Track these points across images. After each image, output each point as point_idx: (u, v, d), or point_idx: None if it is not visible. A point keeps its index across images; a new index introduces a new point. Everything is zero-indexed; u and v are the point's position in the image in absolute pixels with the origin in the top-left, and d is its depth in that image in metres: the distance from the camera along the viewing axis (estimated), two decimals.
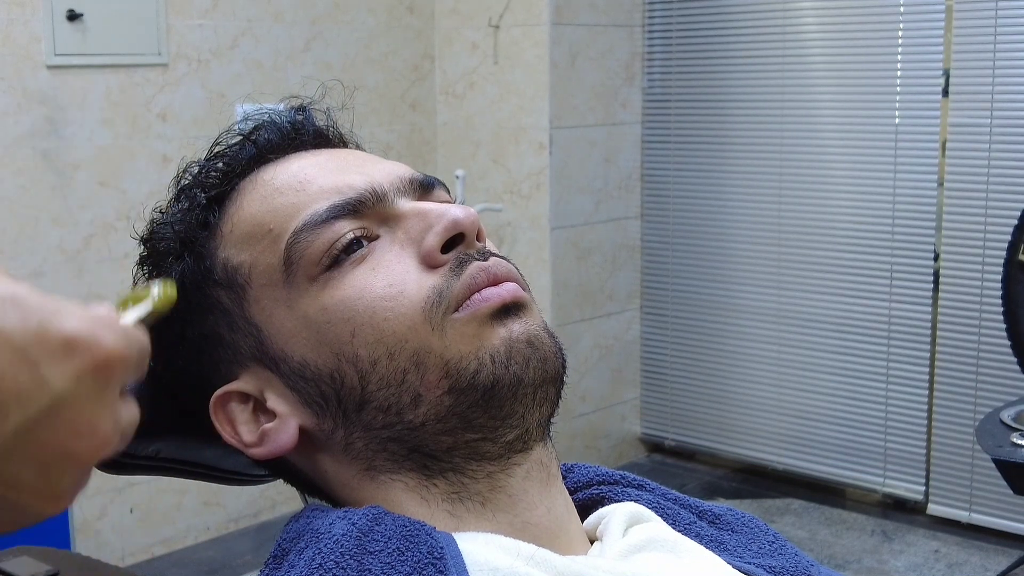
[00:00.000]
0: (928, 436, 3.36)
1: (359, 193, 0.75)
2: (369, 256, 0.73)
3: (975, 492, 3.26)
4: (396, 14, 3.63)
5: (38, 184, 2.88)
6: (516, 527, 0.72)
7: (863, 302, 3.43)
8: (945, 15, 3.19)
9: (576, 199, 3.66)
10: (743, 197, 3.65)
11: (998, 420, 2.36)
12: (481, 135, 3.69)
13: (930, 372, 3.34)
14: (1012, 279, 2.62)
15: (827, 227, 3.48)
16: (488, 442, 0.72)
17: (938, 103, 3.24)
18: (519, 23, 3.55)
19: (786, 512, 3.47)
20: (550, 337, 0.73)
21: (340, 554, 0.64)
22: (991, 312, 3.07)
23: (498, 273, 0.73)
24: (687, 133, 3.76)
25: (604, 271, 3.80)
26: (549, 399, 0.73)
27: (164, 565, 3.14)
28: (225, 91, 3.21)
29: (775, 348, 3.64)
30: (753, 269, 3.65)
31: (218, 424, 0.75)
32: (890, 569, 3.09)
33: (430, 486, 0.73)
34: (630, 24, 3.76)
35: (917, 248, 3.31)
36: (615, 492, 0.81)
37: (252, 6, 3.25)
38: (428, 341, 0.70)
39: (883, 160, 3.34)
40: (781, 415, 3.66)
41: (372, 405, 0.72)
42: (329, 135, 0.84)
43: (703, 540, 0.78)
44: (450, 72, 3.74)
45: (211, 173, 0.80)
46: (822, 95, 3.47)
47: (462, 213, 0.73)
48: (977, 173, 3.16)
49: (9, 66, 2.80)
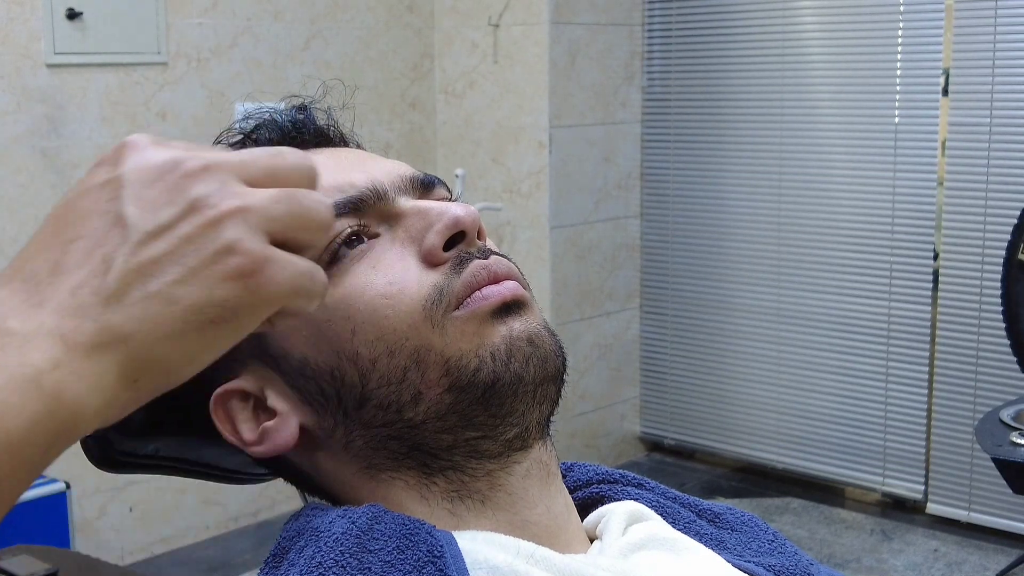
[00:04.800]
0: (927, 435, 3.37)
1: (360, 191, 0.75)
2: (369, 254, 0.73)
3: (974, 491, 3.26)
4: (396, 13, 3.63)
5: (38, 183, 2.88)
6: (516, 525, 0.72)
7: (863, 301, 3.43)
8: (945, 15, 3.19)
9: (575, 198, 3.66)
10: (743, 196, 3.65)
11: (997, 419, 2.36)
12: (481, 134, 3.69)
13: (929, 371, 3.34)
14: (1011, 278, 2.62)
15: (827, 226, 3.48)
16: (488, 440, 0.72)
17: (938, 102, 3.24)
18: (519, 22, 3.55)
19: (786, 511, 3.47)
20: (550, 335, 0.73)
21: (340, 552, 0.64)
22: (990, 311, 3.07)
23: (499, 271, 0.73)
24: (686, 132, 3.76)
25: (603, 270, 3.80)
26: (549, 397, 0.73)
27: (164, 564, 3.14)
28: (225, 90, 3.21)
29: (774, 347, 3.64)
30: (752, 268, 3.65)
31: (218, 422, 0.75)
32: (889, 568, 3.09)
33: (430, 484, 0.73)
34: (630, 23, 3.77)
35: (917, 247, 3.31)
36: (615, 491, 0.82)
37: (252, 5, 3.25)
38: (429, 339, 0.70)
39: (883, 159, 3.34)
40: (781, 414, 3.66)
41: (372, 403, 0.72)
42: (330, 134, 0.84)
43: (703, 539, 0.79)
44: (450, 71, 3.74)
45: None
46: (822, 94, 3.47)
47: (463, 211, 0.73)
48: (977, 172, 3.16)
49: (8, 65, 2.80)
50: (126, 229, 0.46)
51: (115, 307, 0.45)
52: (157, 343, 0.45)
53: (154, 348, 0.45)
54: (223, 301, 0.46)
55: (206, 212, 0.46)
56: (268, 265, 0.46)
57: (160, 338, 0.45)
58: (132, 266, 0.45)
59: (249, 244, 0.46)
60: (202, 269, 0.45)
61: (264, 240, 0.47)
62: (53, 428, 0.43)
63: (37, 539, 2.48)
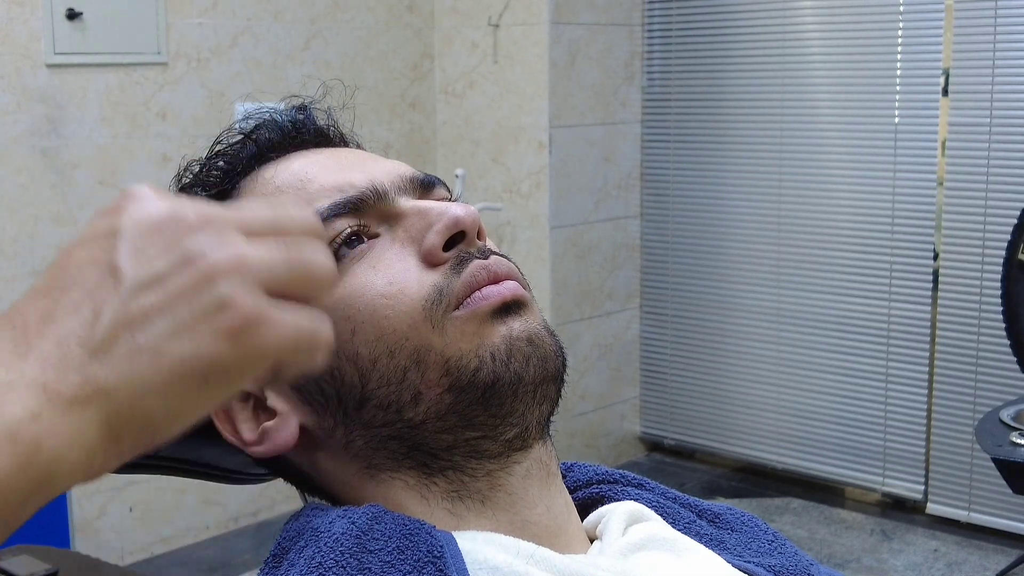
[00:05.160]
0: (927, 435, 3.37)
1: (360, 191, 0.75)
2: (369, 254, 0.73)
3: (974, 491, 3.26)
4: (396, 13, 3.63)
5: (38, 183, 2.88)
6: (516, 525, 0.72)
7: (863, 301, 3.43)
8: (945, 15, 3.19)
9: (575, 198, 3.66)
10: (743, 196, 3.65)
11: (997, 419, 2.36)
12: (481, 134, 3.69)
13: (929, 371, 3.34)
14: (1011, 278, 2.62)
15: (827, 226, 3.48)
16: (488, 440, 0.72)
17: (938, 102, 3.24)
18: (519, 22, 3.55)
19: (785, 511, 3.47)
20: (550, 335, 0.73)
21: (340, 553, 0.64)
22: (990, 311, 3.07)
23: (499, 271, 0.73)
24: (686, 132, 3.76)
25: (603, 270, 3.80)
26: (549, 397, 0.73)
27: (164, 564, 3.14)
28: (225, 90, 3.21)
29: (774, 347, 3.64)
30: (752, 268, 3.65)
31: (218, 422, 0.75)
32: (889, 568, 3.09)
33: (430, 484, 0.73)
34: (629, 23, 3.77)
35: (916, 247, 3.31)
36: (615, 491, 0.82)
37: (252, 5, 3.25)
38: (428, 339, 0.70)
39: (883, 159, 3.34)
40: (781, 414, 3.66)
41: (372, 403, 0.72)
42: (330, 134, 0.84)
43: (703, 539, 0.79)
44: (450, 71, 3.74)
45: (212, 172, 0.80)
46: (822, 94, 3.47)
47: (463, 211, 0.73)
48: (976, 172, 3.16)
49: (8, 65, 2.80)
50: (119, 280, 0.44)
51: (101, 359, 0.43)
52: (142, 398, 0.43)
53: (139, 403, 0.43)
54: (213, 358, 0.44)
55: (200, 265, 0.44)
56: (262, 322, 0.44)
57: (145, 393, 0.43)
58: (121, 318, 0.44)
59: (243, 299, 0.44)
60: (193, 324, 0.44)
61: (260, 295, 0.45)
62: (29, 482, 0.41)
63: (37, 539, 2.48)
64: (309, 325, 0.46)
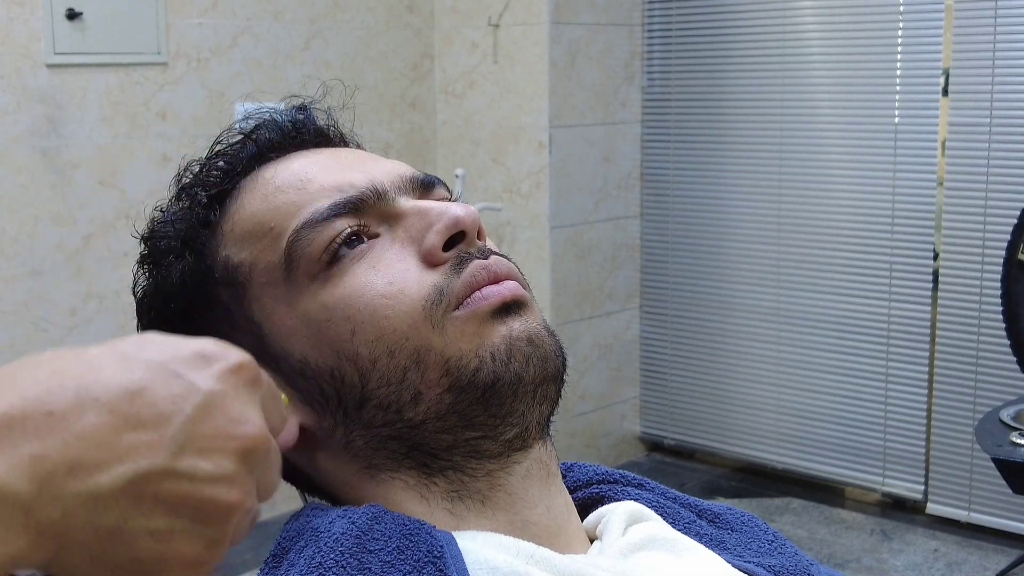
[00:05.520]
0: (927, 435, 3.37)
1: (360, 191, 0.75)
2: (369, 254, 0.73)
3: (974, 491, 3.26)
4: (396, 13, 3.63)
5: (38, 183, 2.88)
6: (516, 525, 0.72)
7: (862, 301, 3.43)
8: (945, 15, 3.19)
9: (575, 198, 3.66)
10: (743, 196, 3.65)
11: (997, 419, 2.36)
12: (481, 134, 3.69)
13: (929, 371, 3.34)
14: (1011, 278, 2.62)
15: (827, 226, 3.48)
16: (488, 440, 0.72)
17: (937, 102, 3.24)
18: (519, 22, 3.55)
19: (785, 511, 3.47)
20: (550, 335, 0.73)
21: (340, 553, 0.64)
22: (990, 311, 3.07)
23: (499, 271, 0.73)
24: (686, 132, 3.76)
25: (603, 270, 3.80)
26: (549, 397, 0.73)
27: None
28: (225, 90, 3.21)
29: (774, 347, 3.64)
30: (752, 268, 3.65)
31: None
32: (889, 568, 3.09)
33: (430, 484, 0.73)
34: (629, 23, 3.77)
35: (916, 247, 3.31)
36: (615, 491, 0.81)
37: (252, 5, 3.25)
38: (428, 339, 0.70)
39: (883, 159, 3.34)
40: (781, 414, 3.66)
41: (372, 403, 0.72)
42: (330, 134, 0.84)
43: (703, 539, 0.79)
44: (450, 71, 3.74)
45: (212, 171, 0.80)
46: (822, 94, 3.47)
47: (463, 211, 0.73)
48: (976, 172, 3.16)
49: (8, 65, 2.80)
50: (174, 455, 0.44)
51: (53, 502, 0.41)
52: (70, 551, 0.42)
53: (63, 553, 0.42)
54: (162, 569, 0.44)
55: (234, 495, 0.46)
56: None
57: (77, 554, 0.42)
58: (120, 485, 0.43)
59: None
60: (182, 534, 0.44)
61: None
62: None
63: None
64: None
